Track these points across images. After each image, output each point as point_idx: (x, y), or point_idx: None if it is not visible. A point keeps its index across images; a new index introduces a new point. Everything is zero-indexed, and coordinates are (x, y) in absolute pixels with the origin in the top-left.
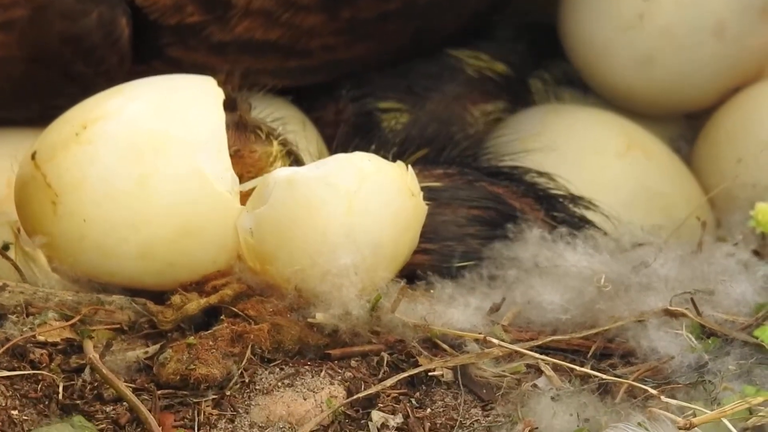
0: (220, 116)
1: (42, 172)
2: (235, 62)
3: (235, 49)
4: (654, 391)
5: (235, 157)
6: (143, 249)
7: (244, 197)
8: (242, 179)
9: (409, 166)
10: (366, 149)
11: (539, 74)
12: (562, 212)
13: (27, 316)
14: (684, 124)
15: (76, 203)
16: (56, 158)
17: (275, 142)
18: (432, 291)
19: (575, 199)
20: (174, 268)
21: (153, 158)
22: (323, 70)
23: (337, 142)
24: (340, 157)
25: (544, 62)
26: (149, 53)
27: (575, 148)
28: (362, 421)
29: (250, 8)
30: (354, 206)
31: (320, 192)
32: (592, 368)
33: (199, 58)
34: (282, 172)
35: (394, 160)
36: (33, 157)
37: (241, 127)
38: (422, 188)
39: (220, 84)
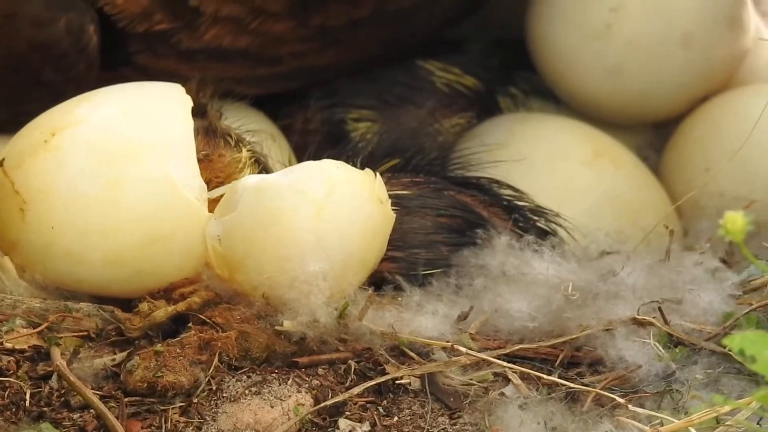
0: (188, 123)
1: (10, 179)
2: (204, 69)
3: (204, 57)
4: (622, 400)
5: (204, 161)
6: (111, 256)
7: (212, 204)
8: (211, 184)
9: (378, 173)
10: (335, 158)
11: (508, 90)
12: (529, 223)
13: None
14: (652, 133)
15: (44, 210)
16: (24, 165)
17: (244, 149)
18: (400, 299)
19: (542, 212)
20: (142, 275)
21: (121, 165)
22: (293, 78)
23: (306, 150)
24: (309, 165)
25: (514, 77)
26: (118, 60)
27: (543, 156)
28: (329, 429)
29: (218, 15)
30: (323, 213)
31: (289, 199)
32: (560, 377)
33: (167, 66)
34: (251, 179)
35: (362, 168)
36: (1, 163)
37: (210, 133)
38: (390, 196)
39: (191, 91)
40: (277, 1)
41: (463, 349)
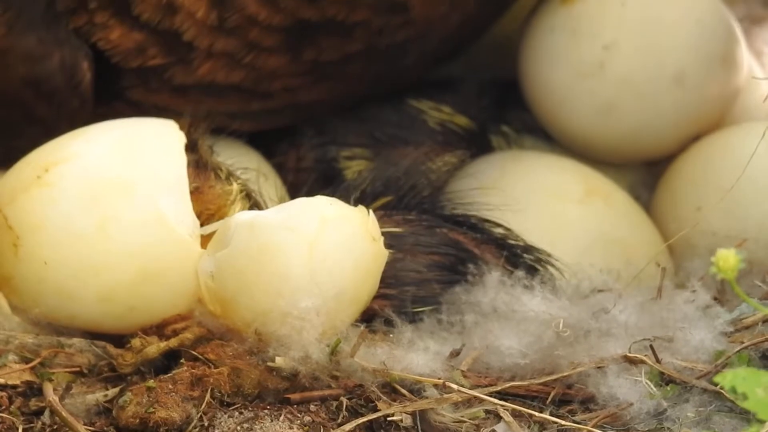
0: (181, 160)
1: (3, 214)
2: (197, 104)
3: (197, 92)
4: None
5: (195, 193)
6: (103, 293)
7: (205, 241)
8: (202, 216)
9: (371, 211)
10: (328, 196)
11: (500, 128)
12: (521, 260)
13: None
14: (644, 171)
15: (37, 245)
16: (18, 200)
17: (235, 182)
18: (391, 335)
19: (533, 250)
20: (134, 312)
21: (114, 202)
22: (285, 113)
23: (299, 188)
24: (302, 201)
25: (506, 115)
26: (111, 95)
27: (535, 194)
28: None
29: (212, 50)
30: (315, 250)
31: (281, 236)
32: (552, 414)
33: (160, 100)
34: (243, 216)
35: (355, 205)
36: None
37: (201, 166)
38: (383, 234)
39: (183, 126)
40: (270, 35)
41: (455, 386)
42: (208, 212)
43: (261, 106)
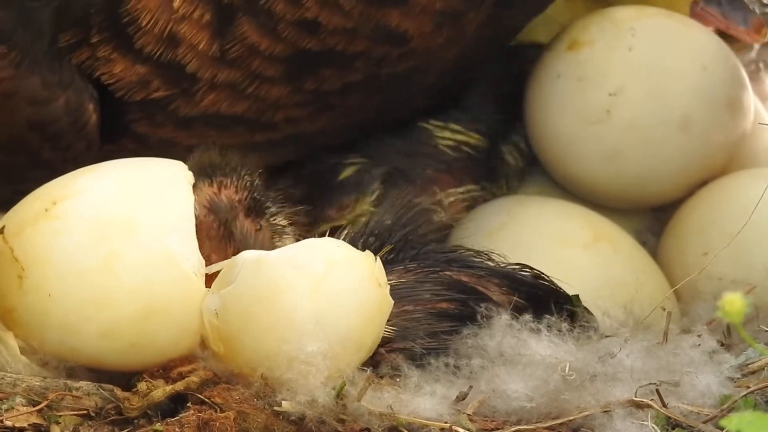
0: (189, 199)
1: (10, 246)
2: (201, 136)
3: (201, 124)
4: None
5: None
6: (106, 328)
7: (210, 280)
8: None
9: (378, 257)
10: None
11: (512, 140)
12: (529, 292)
13: None
14: (650, 217)
15: (41, 278)
16: (24, 232)
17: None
18: (398, 380)
19: (540, 278)
20: (136, 348)
21: (120, 237)
22: (288, 144)
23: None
24: (310, 242)
25: (517, 126)
26: (117, 131)
27: (541, 239)
28: None
29: (215, 81)
30: (321, 290)
31: (288, 274)
32: None
33: (165, 134)
34: (250, 254)
35: (363, 249)
36: (1, 231)
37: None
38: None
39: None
40: (272, 65)
41: (461, 430)
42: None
43: (264, 137)
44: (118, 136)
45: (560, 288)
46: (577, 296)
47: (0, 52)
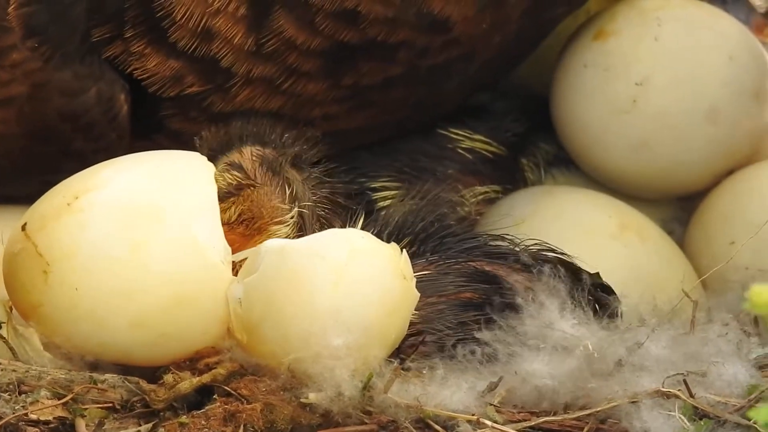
0: (212, 187)
1: (33, 242)
2: None
3: (236, 120)
4: None
5: (246, 189)
6: (136, 318)
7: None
8: (241, 216)
9: (404, 250)
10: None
11: (532, 151)
12: (554, 282)
13: (19, 394)
14: (677, 206)
15: (67, 272)
16: (47, 227)
17: (296, 207)
18: (424, 371)
19: (564, 261)
20: (166, 338)
21: (145, 227)
22: (324, 142)
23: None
24: (334, 232)
25: (538, 140)
26: (150, 127)
27: (568, 229)
28: None
29: (251, 76)
30: (343, 280)
31: (310, 263)
32: None
33: (200, 130)
34: (273, 242)
35: (388, 242)
36: (23, 228)
37: (271, 169)
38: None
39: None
40: (309, 59)
41: (489, 423)
42: (249, 214)
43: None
44: (151, 132)
45: (583, 268)
46: (598, 273)
47: (31, 45)
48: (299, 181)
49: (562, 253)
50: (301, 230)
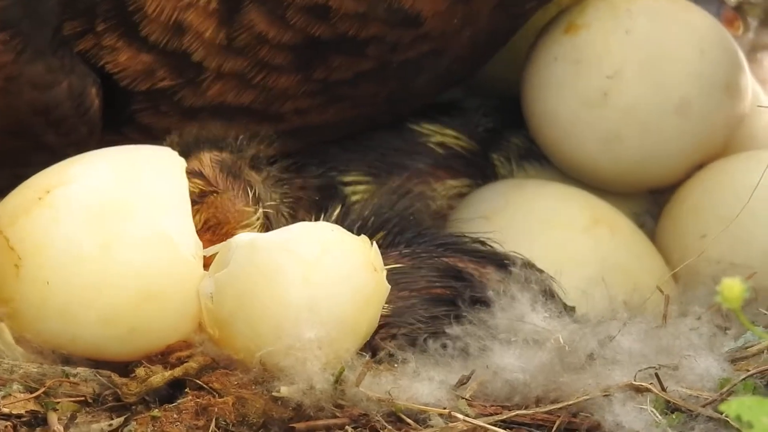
0: (183, 182)
1: (5, 236)
2: (207, 127)
3: (207, 114)
4: None
5: (210, 196)
6: (106, 313)
7: (208, 263)
8: (207, 223)
9: (374, 242)
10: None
11: (503, 146)
12: (525, 280)
13: None
14: (649, 200)
15: (38, 266)
16: (18, 222)
17: (260, 208)
18: (396, 365)
19: (537, 270)
20: (136, 333)
21: (116, 222)
22: (296, 136)
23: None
24: (304, 225)
25: (510, 136)
26: (121, 121)
27: (539, 222)
28: None
29: (222, 70)
30: (314, 274)
31: (281, 257)
32: None
33: (170, 124)
34: (244, 237)
35: (358, 234)
36: None
37: (231, 174)
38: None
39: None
40: (280, 53)
41: (460, 416)
42: (214, 221)
43: (272, 128)
44: (122, 126)
45: (550, 276)
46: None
47: (3, 38)
48: (260, 182)
49: (530, 261)
50: (268, 231)
